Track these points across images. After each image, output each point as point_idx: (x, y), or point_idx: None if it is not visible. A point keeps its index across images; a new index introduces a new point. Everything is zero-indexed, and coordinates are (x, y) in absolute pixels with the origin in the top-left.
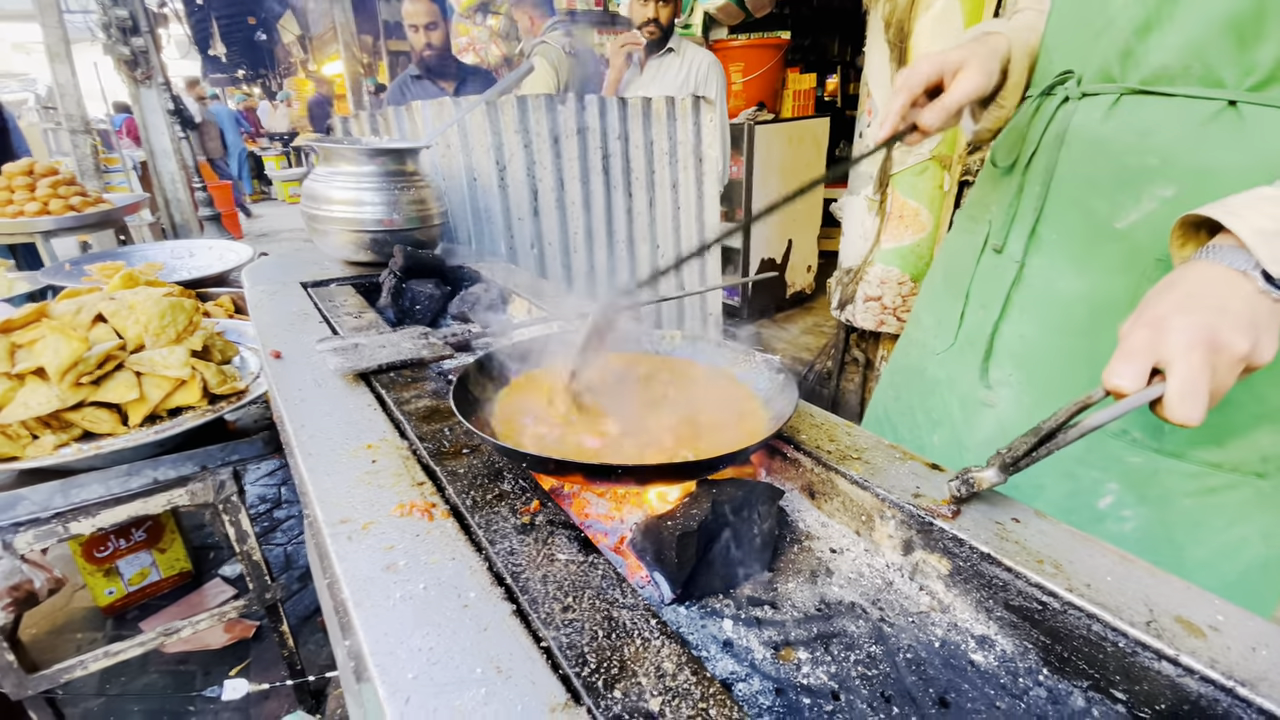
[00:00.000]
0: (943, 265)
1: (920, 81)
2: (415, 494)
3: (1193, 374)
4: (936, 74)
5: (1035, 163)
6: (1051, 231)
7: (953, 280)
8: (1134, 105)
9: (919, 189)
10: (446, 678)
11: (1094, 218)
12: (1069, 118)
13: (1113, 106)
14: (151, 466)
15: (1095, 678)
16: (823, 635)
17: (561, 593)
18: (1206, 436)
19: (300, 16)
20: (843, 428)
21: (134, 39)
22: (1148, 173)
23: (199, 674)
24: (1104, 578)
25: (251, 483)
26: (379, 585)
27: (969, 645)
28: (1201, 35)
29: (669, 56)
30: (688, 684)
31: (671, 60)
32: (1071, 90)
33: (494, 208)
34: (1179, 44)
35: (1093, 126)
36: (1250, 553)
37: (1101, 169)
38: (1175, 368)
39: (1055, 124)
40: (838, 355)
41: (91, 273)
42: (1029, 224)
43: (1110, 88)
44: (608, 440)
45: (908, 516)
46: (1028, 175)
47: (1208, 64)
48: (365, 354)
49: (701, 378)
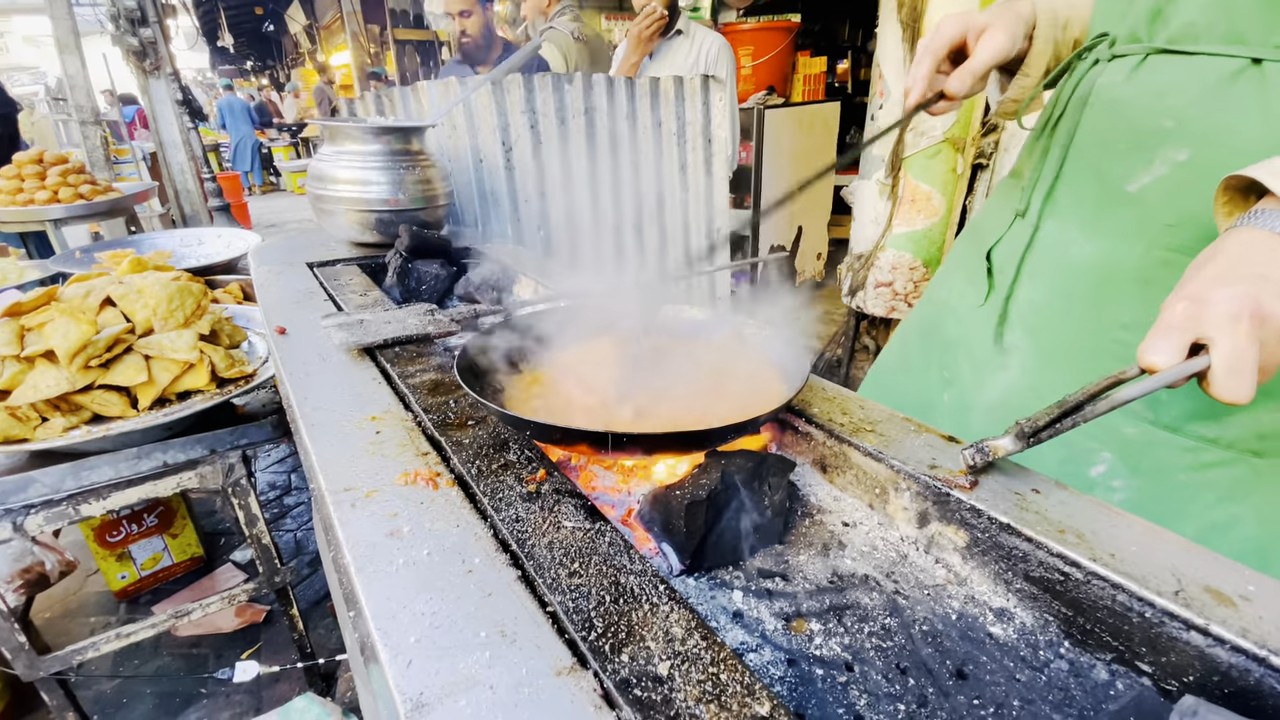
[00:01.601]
0: (976, 226)
1: (945, 43)
2: (420, 463)
3: (1239, 348)
4: (960, 35)
5: (1060, 125)
6: (1067, 195)
7: (980, 243)
8: (1156, 65)
9: (932, 172)
10: (449, 641)
11: (1107, 181)
12: (1095, 79)
13: (1137, 67)
14: (161, 449)
15: (1120, 649)
16: (835, 607)
17: (568, 559)
18: (1204, 411)
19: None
20: (855, 401)
21: (142, 30)
22: (1161, 134)
23: (210, 657)
24: (1128, 547)
25: (261, 469)
26: (382, 551)
27: (987, 618)
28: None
29: (677, 39)
30: (697, 648)
31: (680, 43)
32: (1102, 52)
33: (500, 189)
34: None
35: (1115, 87)
36: (1242, 531)
37: (1118, 131)
38: (1219, 342)
39: (1082, 86)
40: (848, 343)
41: (101, 260)
42: (1047, 187)
43: (1137, 48)
44: (617, 413)
45: (923, 488)
46: (1053, 138)
47: (1233, 20)
48: (370, 329)
49: (711, 351)
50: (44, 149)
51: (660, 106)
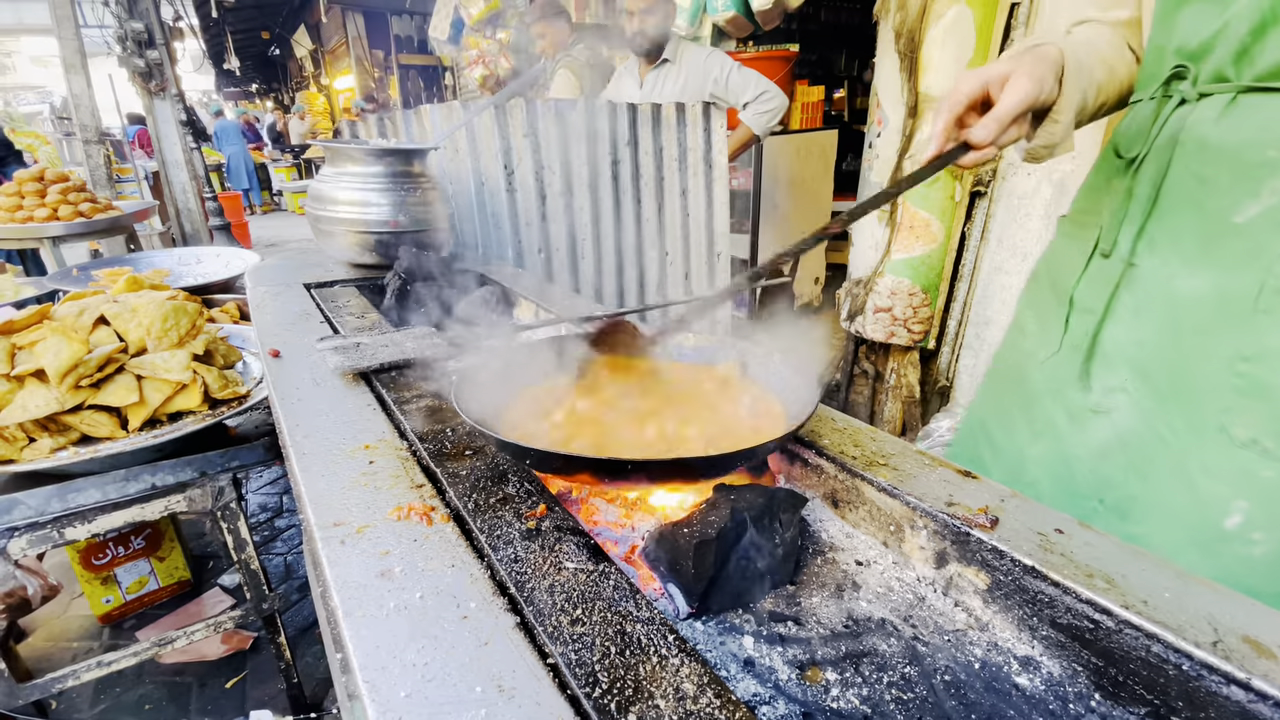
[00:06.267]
0: (1047, 271)
1: (964, 98)
2: (414, 496)
3: None
4: (981, 89)
5: (1145, 165)
6: (1163, 232)
7: (1058, 286)
8: (1250, 103)
9: (930, 200)
10: (443, 697)
11: (1209, 215)
12: (1183, 120)
13: (1230, 105)
14: (150, 472)
15: (1154, 704)
16: (852, 654)
17: (570, 604)
18: None
19: (313, 31)
20: (867, 433)
21: (149, 52)
22: (1268, 166)
23: (195, 685)
24: (1162, 594)
25: (253, 491)
26: (372, 593)
27: (1012, 667)
28: None
29: (665, 67)
30: (711, 708)
31: (668, 70)
32: (1187, 92)
33: (501, 212)
34: None
35: (1205, 126)
36: None
37: (1217, 167)
38: None
39: (1169, 127)
40: (847, 367)
41: (98, 278)
42: (1137, 225)
43: (1225, 88)
44: (621, 441)
45: (941, 526)
46: (1137, 178)
47: None
48: (366, 353)
49: (715, 379)
50: (45, 167)
51: (662, 132)
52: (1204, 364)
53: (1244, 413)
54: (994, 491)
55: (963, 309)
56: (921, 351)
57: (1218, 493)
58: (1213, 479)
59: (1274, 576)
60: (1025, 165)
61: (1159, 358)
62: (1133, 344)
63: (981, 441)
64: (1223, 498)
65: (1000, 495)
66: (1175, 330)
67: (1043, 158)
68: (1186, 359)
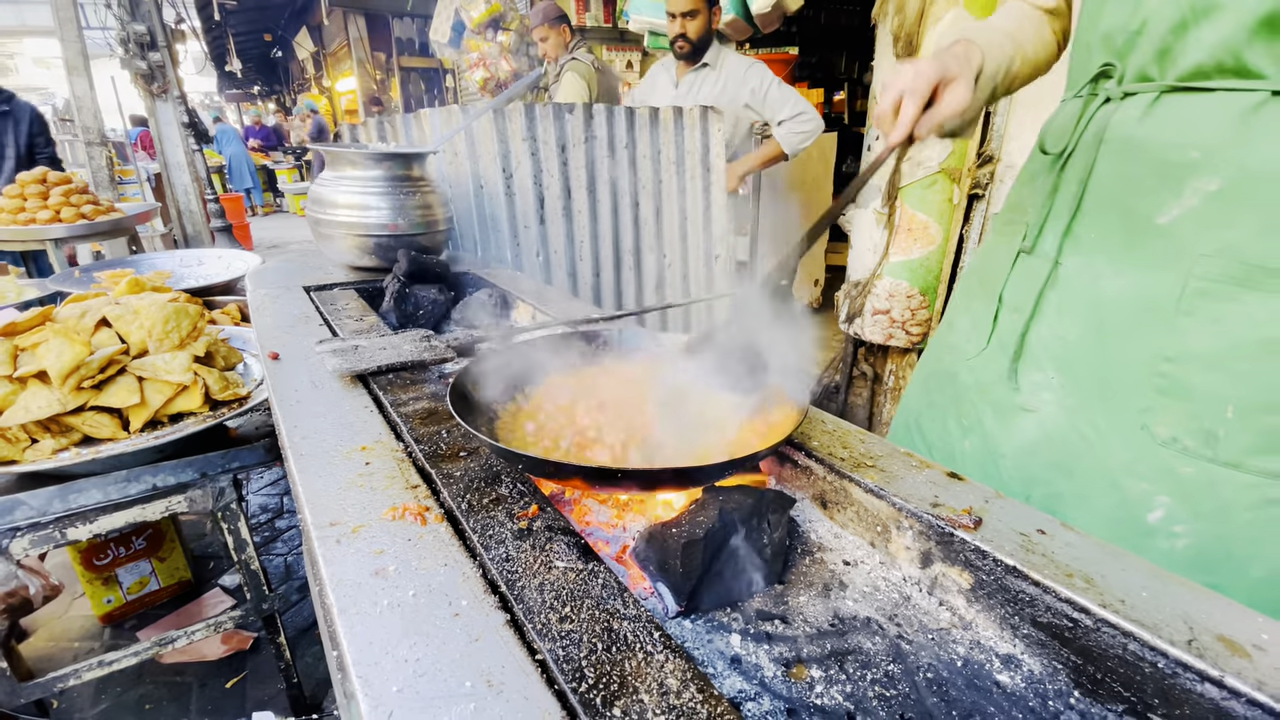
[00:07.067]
0: (978, 269)
1: (927, 88)
2: (409, 497)
3: None
4: (938, 80)
5: (1072, 163)
6: (1089, 231)
7: (987, 283)
8: (1173, 102)
9: (928, 202)
10: (434, 691)
11: (1133, 215)
12: (1107, 118)
13: (1153, 104)
14: (151, 473)
15: (1132, 701)
16: (837, 652)
17: (559, 602)
18: (1266, 444)
19: (315, 33)
20: (856, 434)
21: (151, 54)
22: (1190, 166)
23: (195, 685)
24: (1139, 593)
25: (254, 492)
26: (366, 591)
27: (993, 665)
28: (1236, 32)
29: (704, 71)
30: (693, 702)
31: (706, 75)
32: (1112, 91)
33: (500, 215)
34: (1214, 41)
35: (1130, 125)
36: None
37: (1141, 167)
38: None
39: (1094, 124)
40: (845, 369)
41: (101, 280)
42: (1063, 223)
43: (1149, 87)
44: (612, 447)
45: (926, 527)
46: (1063, 175)
47: (1241, 60)
48: (364, 355)
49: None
50: (47, 169)
51: (659, 135)
52: (1127, 364)
53: (1164, 412)
54: (978, 493)
55: None
56: (920, 354)
57: (1140, 489)
58: (1135, 476)
59: (1196, 567)
60: None
61: (1083, 357)
62: (1058, 342)
63: (916, 437)
64: (1145, 493)
65: (984, 496)
66: (1099, 330)
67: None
68: (1110, 358)
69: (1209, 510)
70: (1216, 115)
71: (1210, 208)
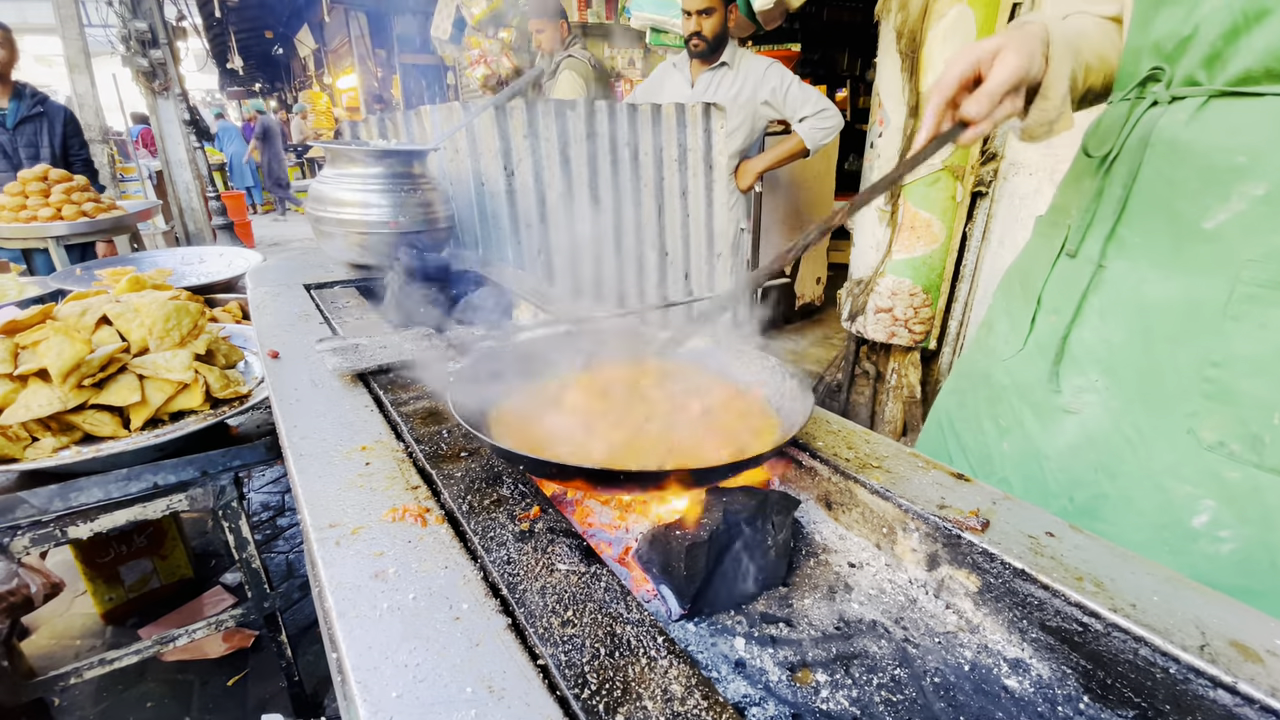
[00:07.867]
0: (1019, 271)
1: (955, 79)
2: (409, 498)
3: None
4: (972, 68)
5: (1117, 166)
6: (1134, 234)
7: (1028, 285)
8: (1221, 107)
9: (931, 200)
10: (433, 697)
11: (1179, 219)
12: (1154, 121)
13: (1200, 109)
14: (151, 471)
15: (1142, 707)
16: (842, 656)
17: (561, 606)
18: None
19: (316, 31)
20: (861, 435)
21: (152, 52)
22: (1236, 171)
23: (197, 683)
24: (1150, 597)
25: (255, 490)
26: (366, 594)
27: (1001, 669)
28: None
29: (721, 70)
30: (698, 709)
31: (724, 74)
32: (1160, 94)
33: (501, 213)
34: (1264, 47)
35: (1178, 128)
36: None
37: (1187, 171)
38: None
39: (1140, 127)
40: (848, 367)
41: (102, 278)
42: (1108, 226)
43: (1197, 91)
44: (614, 447)
45: (933, 529)
46: (1108, 178)
47: None
48: (365, 354)
49: (712, 383)
50: (48, 166)
51: (661, 133)
52: (1173, 368)
53: (1211, 416)
54: (985, 494)
55: (964, 309)
56: (923, 352)
57: (1185, 492)
58: (1180, 479)
59: (1241, 572)
60: (1026, 166)
61: (1128, 360)
62: (1102, 345)
63: (950, 439)
64: (1190, 497)
65: (992, 498)
66: (1145, 334)
67: (1040, 136)
68: (1156, 363)
69: (1255, 516)
70: (1264, 120)
71: (1257, 212)
